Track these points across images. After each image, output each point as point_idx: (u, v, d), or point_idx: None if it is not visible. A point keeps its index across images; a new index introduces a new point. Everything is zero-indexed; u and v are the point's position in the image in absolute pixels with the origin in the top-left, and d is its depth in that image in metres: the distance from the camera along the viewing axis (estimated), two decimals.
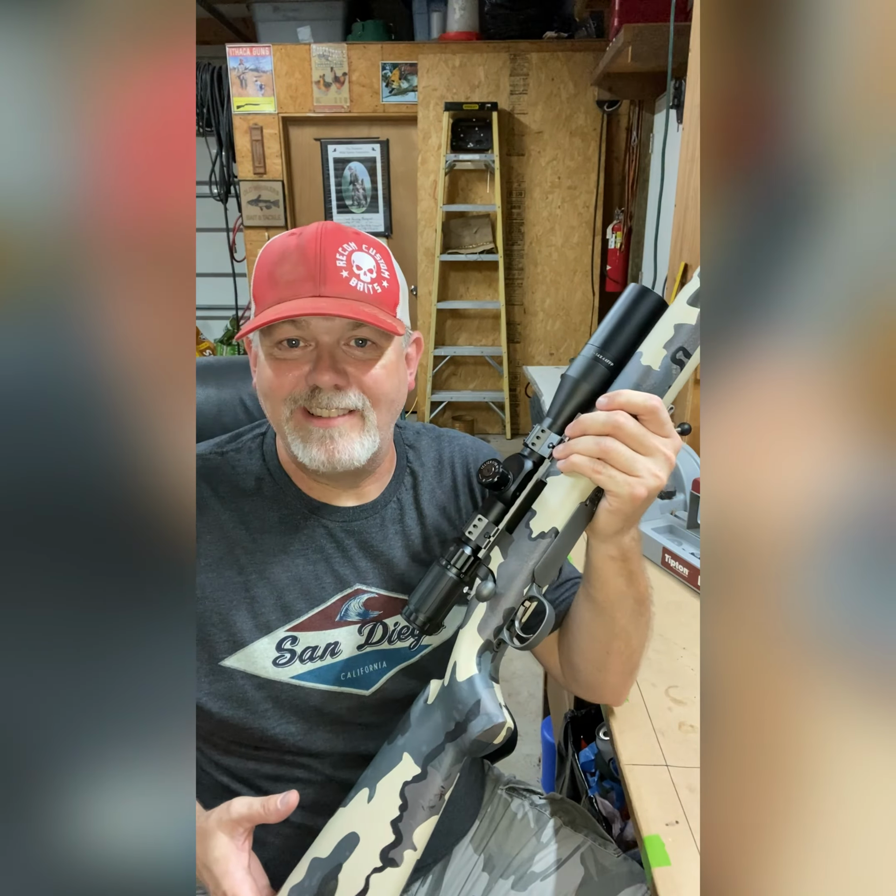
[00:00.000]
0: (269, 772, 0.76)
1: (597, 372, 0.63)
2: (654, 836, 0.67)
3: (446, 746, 0.66)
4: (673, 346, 0.61)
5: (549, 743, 1.62)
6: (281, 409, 0.70)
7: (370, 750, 0.76)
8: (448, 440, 0.88)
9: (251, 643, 0.72)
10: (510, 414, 4.13)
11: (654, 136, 3.27)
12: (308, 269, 0.66)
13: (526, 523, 0.65)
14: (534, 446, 0.65)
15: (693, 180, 1.68)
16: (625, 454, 0.58)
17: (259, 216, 4.01)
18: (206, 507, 0.75)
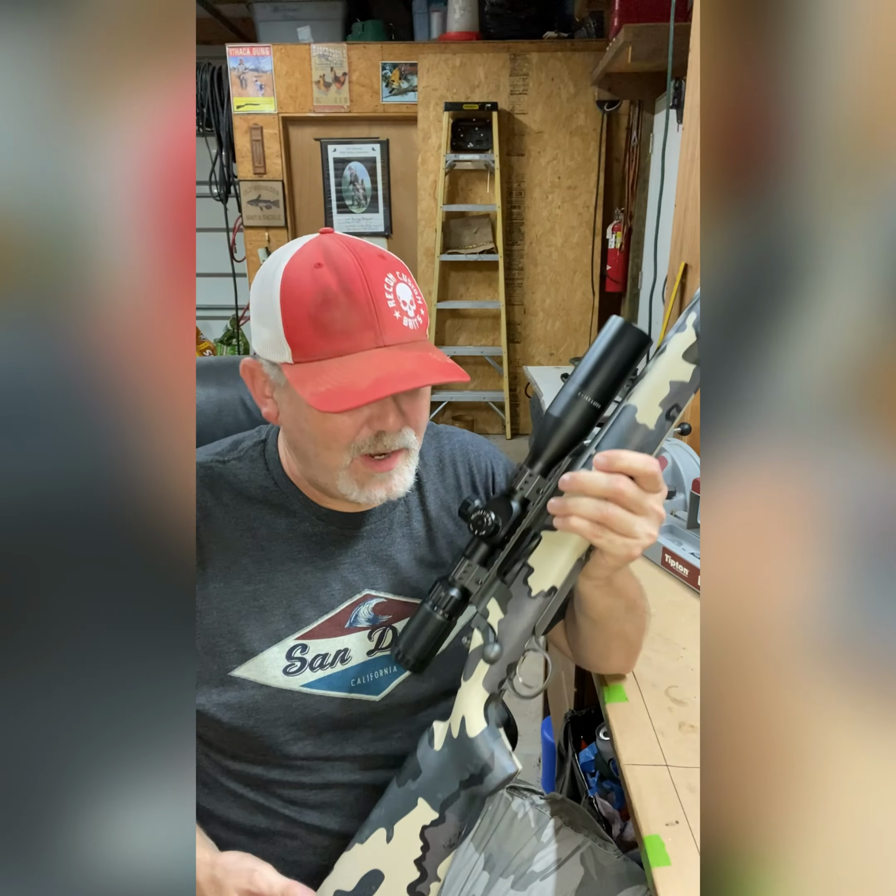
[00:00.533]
0: (277, 777, 0.75)
1: (581, 412, 0.62)
2: (654, 836, 0.67)
3: (461, 794, 0.68)
4: (668, 405, 0.60)
5: (549, 743, 1.62)
6: (341, 457, 0.68)
7: (378, 752, 0.76)
8: (447, 437, 0.87)
9: (261, 653, 0.72)
10: (510, 414, 4.13)
11: (654, 136, 3.27)
12: (363, 316, 0.63)
13: (524, 579, 0.66)
14: (522, 491, 0.65)
15: (693, 180, 1.68)
16: (625, 519, 0.59)
17: (259, 216, 4.01)
18: (211, 516, 0.74)
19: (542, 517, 0.65)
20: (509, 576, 0.67)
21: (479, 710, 0.69)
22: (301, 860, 0.77)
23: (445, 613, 0.68)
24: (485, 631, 0.68)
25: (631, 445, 0.61)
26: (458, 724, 0.69)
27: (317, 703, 0.73)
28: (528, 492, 0.65)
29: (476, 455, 0.86)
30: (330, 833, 0.77)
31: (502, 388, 4.09)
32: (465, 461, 0.85)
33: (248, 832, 0.77)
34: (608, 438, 0.62)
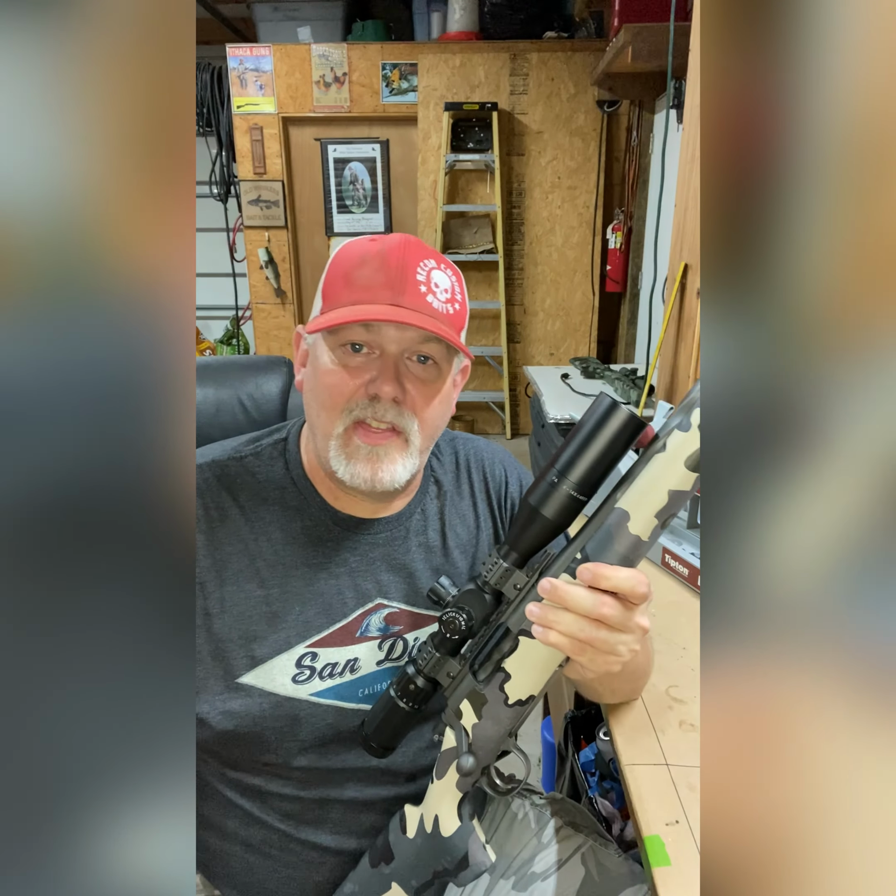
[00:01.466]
0: (275, 789, 0.75)
1: (561, 504, 0.57)
2: (654, 836, 0.67)
3: (435, 882, 0.69)
4: (665, 515, 0.54)
5: (549, 743, 1.62)
6: (336, 422, 0.68)
7: (380, 766, 0.76)
8: (462, 442, 0.87)
9: (270, 659, 0.71)
10: (510, 414, 4.13)
11: (654, 136, 3.27)
12: (388, 276, 0.65)
13: (500, 685, 0.62)
14: (497, 585, 0.61)
15: (693, 180, 1.68)
16: (608, 641, 0.55)
17: (259, 216, 4.01)
18: (227, 517, 0.73)
19: (518, 616, 0.61)
20: (482, 673, 0.64)
21: (453, 811, 0.68)
22: (295, 875, 0.76)
23: (414, 705, 0.66)
24: (458, 733, 0.65)
25: (619, 555, 0.55)
26: (431, 820, 0.69)
27: (324, 713, 0.72)
28: (504, 586, 0.61)
29: (491, 462, 0.86)
30: (325, 850, 0.76)
31: (502, 388, 4.09)
32: (480, 468, 0.85)
33: (243, 843, 0.77)
34: (594, 543, 0.56)
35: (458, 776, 0.67)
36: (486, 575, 0.61)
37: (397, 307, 0.65)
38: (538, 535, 0.59)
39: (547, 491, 0.57)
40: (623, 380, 2.48)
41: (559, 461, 0.57)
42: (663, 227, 2.91)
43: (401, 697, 0.67)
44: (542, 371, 2.91)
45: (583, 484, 0.56)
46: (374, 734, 0.68)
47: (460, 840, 0.68)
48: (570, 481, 0.56)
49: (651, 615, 0.79)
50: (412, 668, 0.66)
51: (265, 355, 1.10)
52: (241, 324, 4.50)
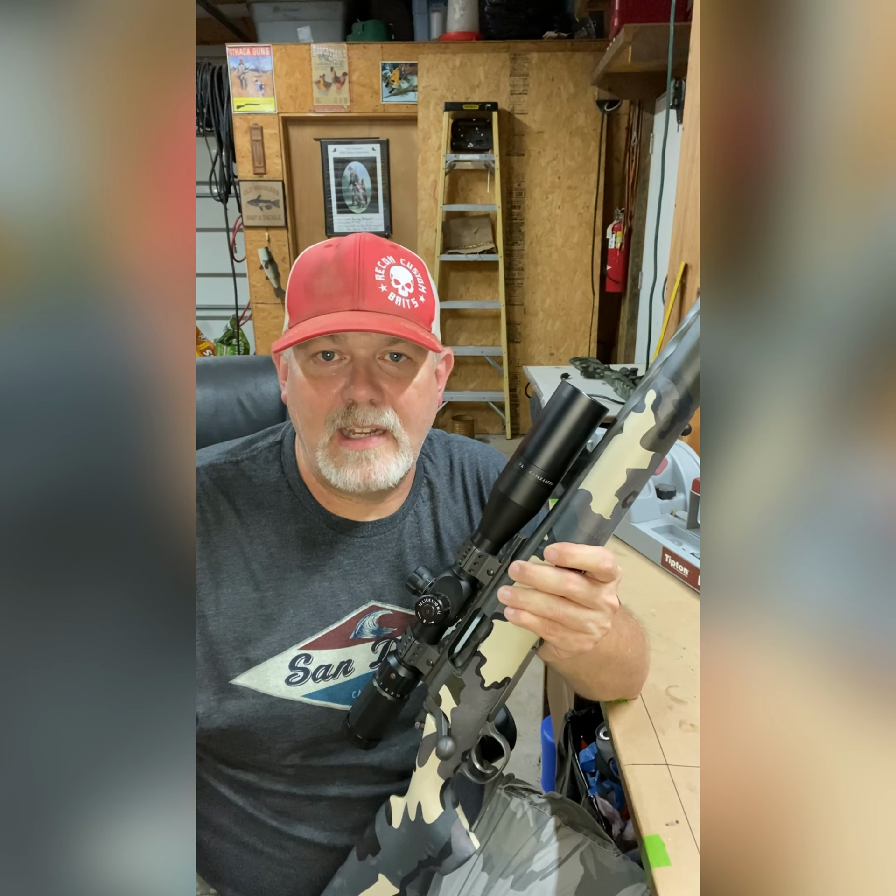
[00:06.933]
0: (268, 786, 0.75)
1: (530, 489, 0.59)
2: (654, 836, 0.67)
3: (421, 871, 0.70)
4: (625, 493, 0.57)
5: (549, 743, 1.62)
6: (320, 434, 0.69)
7: (373, 763, 0.76)
8: (457, 445, 0.87)
9: (264, 661, 0.71)
10: (510, 414, 4.13)
11: (654, 137, 3.27)
12: (346, 282, 0.65)
13: (476, 668, 0.63)
14: (471, 572, 0.63)
15: (693, 180, 1.68)
16: (577, 618, 0.57)
17: (259, 216, 4.01)
18: (224, 520, 0.74)
19: (492, 600, 0.62)
20: (459, 659, 0.65)
21: (435, 796, 0.69)
22: (288, 872, 0.77)
23: (396, 694, 0.67)
24: (438, 718, 0.66)
25: (585, 535, 0.57)
26: (414, 808, 0.70)
27: (317, 714, 0.73)
28: (478, 572, 0.62)
29: (485, 465, 0.86)
30: (318, 846, 0.77)
31: (502, 388, 4.09)
32: (474, 471, 0.85)
33: (237, 840, 0.77)
34: (560, 525, 0.58)
35: (440, 761, 0.67)
36: (460, 562, 0.63)
37: (358, 311, 0.65)
38: (509, 520, 0.60)
39: (515, 478, 0.59)
40: (623, 380, 2.48)
41: (526, 449, 0.59)
42: (663, 227, 2.91)
43: (383, 687, 0.67)
44: (542, 371, 2.92)
45: (549, 469, 0.58)
46: (359, 725, 0.69)
47: (443, 826, 0.68)
48: (537, 467, 0.58)
49: (651, 615, 0.79)
50: (394, 659, 0.67)
51: (265, 355, 1.10)
52: (241, 324, 4.50)
